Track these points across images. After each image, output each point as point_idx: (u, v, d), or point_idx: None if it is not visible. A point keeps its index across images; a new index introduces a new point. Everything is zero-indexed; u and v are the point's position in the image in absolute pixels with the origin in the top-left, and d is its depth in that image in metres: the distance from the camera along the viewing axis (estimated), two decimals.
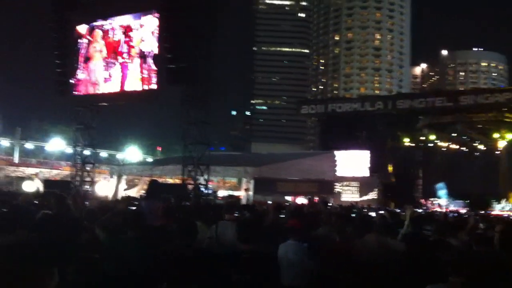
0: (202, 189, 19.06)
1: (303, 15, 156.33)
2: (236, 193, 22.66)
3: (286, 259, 5.73)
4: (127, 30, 19.23)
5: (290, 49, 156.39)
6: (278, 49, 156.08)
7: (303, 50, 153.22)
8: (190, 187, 18.60)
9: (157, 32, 18.11)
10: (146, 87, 18.43)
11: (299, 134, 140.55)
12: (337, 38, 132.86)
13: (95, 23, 20.38)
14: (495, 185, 34.25)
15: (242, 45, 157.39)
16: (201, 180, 18.88)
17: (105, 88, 20.19)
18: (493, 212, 29.91)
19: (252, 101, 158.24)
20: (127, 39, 19.22)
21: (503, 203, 32.63)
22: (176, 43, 17.48)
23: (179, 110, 19.03)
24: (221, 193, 24.18)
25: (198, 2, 18.08)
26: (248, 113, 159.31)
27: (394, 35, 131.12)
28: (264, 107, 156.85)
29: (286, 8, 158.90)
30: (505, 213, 28.97)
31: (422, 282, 4.22)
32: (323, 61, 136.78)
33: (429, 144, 36.02)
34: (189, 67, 17.57)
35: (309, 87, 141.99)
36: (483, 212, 28.74)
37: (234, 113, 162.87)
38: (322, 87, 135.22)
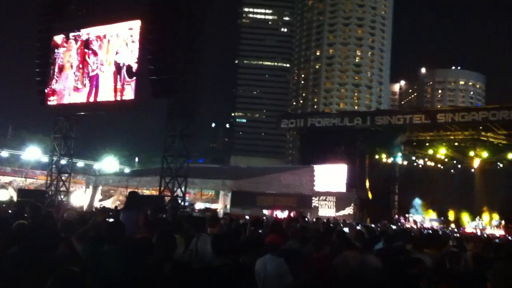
0: (179, 201, 18.96)
1: (285, 30, 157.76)
2: (213, 206, 22.58)
3: (264, 273, 5.74)
4: (102, 40, 19.13)
5: (272, 63, 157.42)
6: (260, 62, 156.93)
7: (284, 65, 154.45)
8: (167, 199, 18.50)
9: (132, 41, 17.98)
10: (119, 98, 18.26)
11: (278, 147, 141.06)
12: (318, 53, 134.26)
13: (72, 33, 20.27)
14: (470, 203, 34.81)
15: (225, 58, 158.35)
16: (179, 192, 18.77)
17: (77, 98, 20.02)
18: (466, 230, 30.37)
19: (232, 114, 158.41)
20: (101, 49, 19.13)
21: (477, 220, 33.16)
22: (160, 54, 17.42)
23: (163, 123, 18.97)
24: (198, 205, 24.09)
25: (184, 12, 18.00)
26: (228, 125, 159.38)
27: (375, 52, 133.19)
28: (244, 120, 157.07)
29: (269, 22, 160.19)
30: (478, 231, 29.47)
31: None
32: (304, 75, 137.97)
33: (406, 161, 36.47)
34: (173, 79, 17.50)
35: (289, 101, 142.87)
36: (456, 229, 29.20)
37: (214, 125, 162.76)
38: (302, 102, 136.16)
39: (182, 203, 19.05)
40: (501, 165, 33.49)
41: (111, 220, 8.17)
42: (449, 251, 6.78)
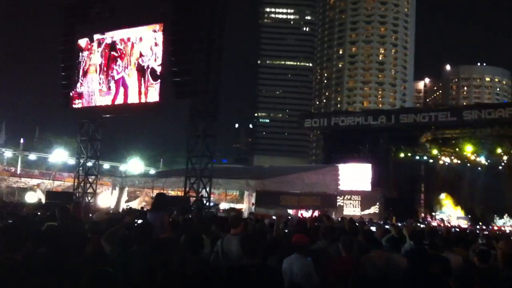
0: (204, 201, 19.03)
1: (307, 29, 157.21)
2: (238, 206, 22.57)
3: (290, 273, 5.73)
4: (126, 43, 19.36)
5: (294, 63, 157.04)
6: (283, 62, 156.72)
7: (307, 64, 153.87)
8: (192, 199, 18.59)
9: (155, 44, 18.18)
10: (143, 100, 18.48)
11: (301, 147, 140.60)
12: (341, 52, 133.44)
13: (96, 36, 20.55)
14: (497, 200, 34.17)
15: (247, 58, 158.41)
16: (203, 192, 18.84)
17: (102, 101, 20.28)
18: (495, 227, 29.82)
19: (255, 114, 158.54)
20: (125, 52, 19.35)
21: (505, 218, 32.53)
22: (182, 56, 17.57)
23: (186, 123, 19.09)
24: (223, 205, 24.10)
25: (205, 13, 18.10)
26: (251, 126, 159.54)
27: (398, 49, 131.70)
28: (267, 120, 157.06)
29: (291, 22, 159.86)
30: (508, 228, 28.91)
31: None
32: (327, 74, 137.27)
33: (432, 159, 35.99)
34: (196, 80, 17.63)
35: (312, 100, 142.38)
36: (485, 227, 28.68)
37: (237, 126, 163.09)
38: (325, 101, 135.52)
39: (207, 204, 19.11)
40: None
41: (139, 221, 8.25)
42: (479, 249, 6.63)
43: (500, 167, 34.64)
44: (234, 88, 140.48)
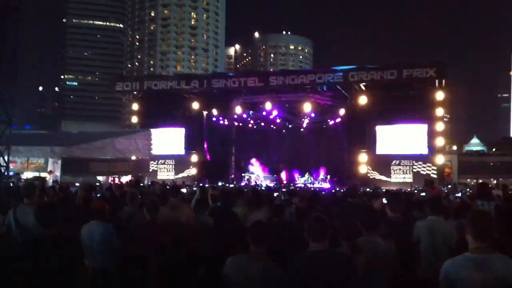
0: (3, 170, 17.31)
1: None
2: (43, 175, 20.92)
3: (90, 240, 5.44)
4: None
5: (104, 23, 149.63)
6: (91, 22, 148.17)
7: (118, 25, 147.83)
8: None
9: None
10: None
11: (113, 112, 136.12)
12: (153, 14, 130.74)
13: None
14: (300, 160, 37.31)
15: (53, 17, 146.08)
16: (1, 161, 17.08)
17: None
18: (297, 185, 32.62)
19: (61, 77, 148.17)
20: None
21: (306, 176, 35.75)
22: None
23: None
24: (26, 175, 22.12)
25: None
26: (57, 89, 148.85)
27: (210, 15, 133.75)
28: (75, 83, 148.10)
29: None
30: (308, 186, 31.86)
31: (227, 254, 4.30)
32: (139, 37, 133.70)
33: (241, 123, 37.56)
34: None
35: (124, 63, 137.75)
36: (287, 185, 31.20)
37: (41, 89, 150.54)
38: (137, 64, 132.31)
39: (6, 173, 17.42)
40: (325, 125, 36.17)
41: None
42: (276, 204, 7.09)
43: (302, 130, 37.60)
44: (39, 49, 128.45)
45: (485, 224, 3.58)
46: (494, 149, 60.55)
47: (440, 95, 28.67)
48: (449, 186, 25.14)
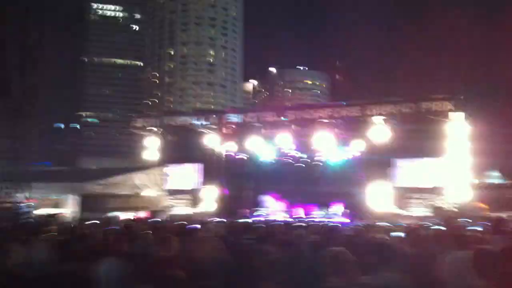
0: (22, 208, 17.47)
1: (137, 27, 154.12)
2: (59, 211, 21.04)
3: (106, 278, 5.39)
4: None
5: (124, 62, 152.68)
6: (112, 60, 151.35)
7: (137, 63, 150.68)
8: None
9: None
10: None
11: (133, 148, 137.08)
12: (172, 53, 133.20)
13: None
14: (319, 194, 36.86)
15: (73, 56, 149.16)
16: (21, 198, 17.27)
17: None
18: (315, 219, 32.17)
19: (81, 114, 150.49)
20: None
21: (324, 210, 35.27)
22: None
23: None
24: (43, 211, 22.27)
25: (19, 7, 16.52)
26: (76, 125, 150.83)
27: (228, 52, 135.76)
28: (95, 120, 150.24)
29: (120, 20, 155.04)
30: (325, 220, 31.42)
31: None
32: (158, 74, 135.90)
33: (259, 157, 37.41)
34: (8, 78, 16.02)
35: (143, 100, 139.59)
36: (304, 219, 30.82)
37: (59, 125, 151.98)
38: (157, 101, 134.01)
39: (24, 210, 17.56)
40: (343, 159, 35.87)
41: None
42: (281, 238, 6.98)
43: (320, 163, 37.23)
44: (56, 86, 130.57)
45: None
46: None
47: (459, 128, 28.44)
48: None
